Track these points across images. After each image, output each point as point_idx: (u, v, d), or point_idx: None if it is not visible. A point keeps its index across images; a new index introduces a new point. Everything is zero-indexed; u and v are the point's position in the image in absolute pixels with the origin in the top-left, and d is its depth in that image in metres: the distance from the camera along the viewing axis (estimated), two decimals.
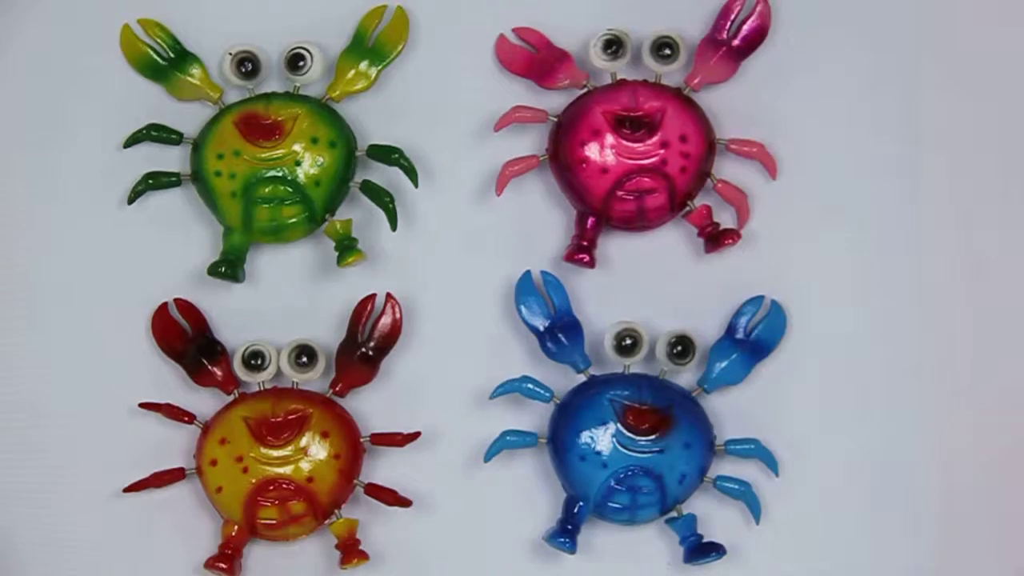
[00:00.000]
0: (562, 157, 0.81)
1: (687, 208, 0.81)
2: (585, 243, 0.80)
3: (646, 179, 0.80)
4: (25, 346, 0.82)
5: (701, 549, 0.78)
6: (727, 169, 0.82)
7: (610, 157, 0.80)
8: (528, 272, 0.80)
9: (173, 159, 0.82)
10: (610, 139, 0.80)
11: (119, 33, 0.83)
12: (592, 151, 0.80)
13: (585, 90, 0.82)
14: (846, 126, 0.82)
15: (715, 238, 0.80)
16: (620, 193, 0.80)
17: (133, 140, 0.82)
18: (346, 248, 0.80)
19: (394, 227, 0.81)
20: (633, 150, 0.80)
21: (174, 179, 0.82)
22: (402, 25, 0.83)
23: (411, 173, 0.81)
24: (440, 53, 0.83)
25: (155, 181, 0.82)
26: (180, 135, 0.82)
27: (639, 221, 0.81)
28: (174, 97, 0.83)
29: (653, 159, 0.80)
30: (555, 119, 0.81)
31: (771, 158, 0.81)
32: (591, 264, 0.80)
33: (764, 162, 0.81)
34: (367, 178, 0.82)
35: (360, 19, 0.83)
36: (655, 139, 0.80)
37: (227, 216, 0.81)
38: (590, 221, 0.81)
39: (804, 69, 0.83)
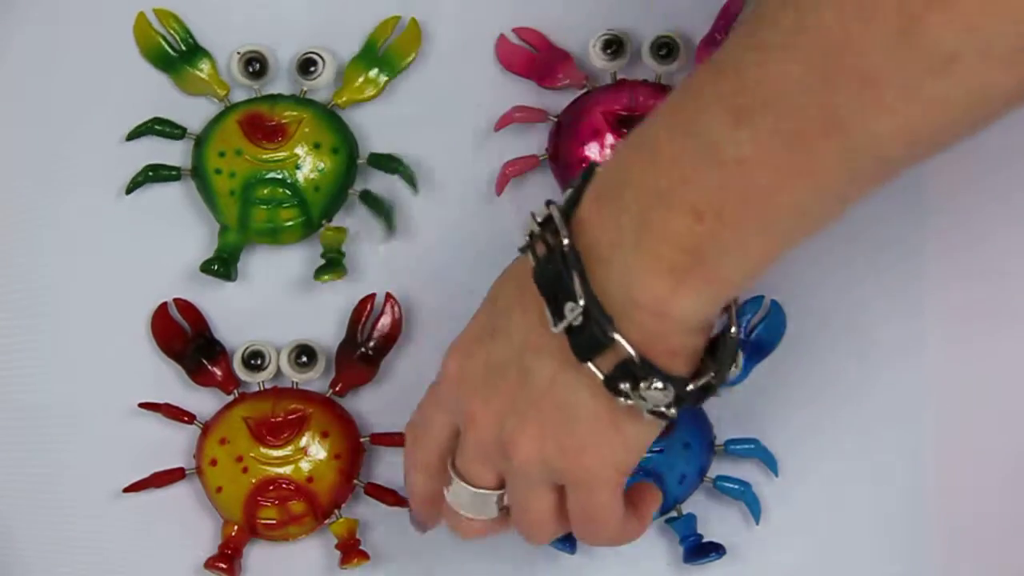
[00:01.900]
0: (562, 157, 0.81)
1: None
2: None
3: None
4: (24, 345, 0.82)
5: (701, 549, 0.78)
6: None
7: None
8: None
9: (175, 158, 0.82)
10: (610, 139, 0.80)
11: (134, 20, 0.83)
12: (592, 151, 0.80)
13: (585, 90, 0.82)
14: None
15: None
16: None
17: (137, 133, 0.82)
18: (329, 264, 0.80)
19: (390, 234, 0.81)
20: None
21: (174, 173, 0.82)
22: (414, 37, 0.83)
23: (411, 180, 0.81)
24: (448, 64, 0.84)
25: (155, 174, 0.82)
26: (183, 130, 0.82)
27: None
28: (181, 90, 0.83)
29: None
30: (555, 119, 0.81)
31: None
32: None
33: None
34: (367, 188, 0.82)
35: (373, 28, 0.83)
36: None
37: (224, 214, 0.81)
38: None
39: None
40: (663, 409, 0.62)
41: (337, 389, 0.80)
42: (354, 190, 0.82)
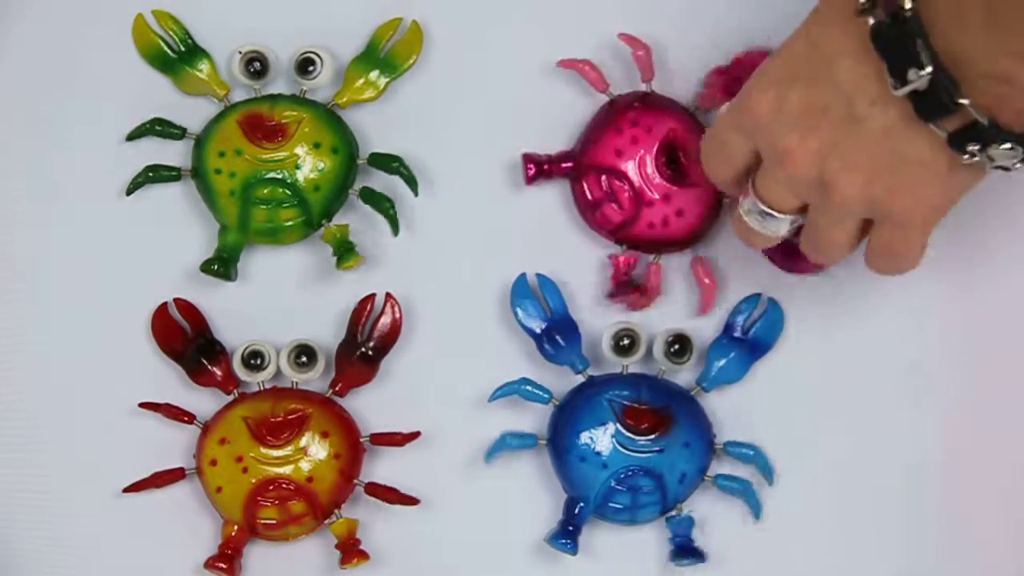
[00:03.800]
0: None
1: None
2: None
3: None
4: (24, 346, 0.81)
5: (682, 550, 0.78)
6: None
7: None
8: (523, 275, 0.80)
9: (175, 158, 0.82)
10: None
11: (132, 21, 0.83)
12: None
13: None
14: None
15: None
16: None
17: (137, 133, 0.82)
18: (345, 252, 0.80)
19: (395, 232, 0.81)
20: None
21: (174, 173, 0.82)
22: (416, 39, 0.83)
23: (411, 182, 0.81)
24: (447, 64, 0.83)
25: (155, 174, 0.82)
26: (183, 130, 0.82)
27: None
28: (181, 90, 0.83)
29: None
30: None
31: None
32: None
33: None
34: (367, 185, 0.82)
35: (375, 29, 0.83)
36: None
37: (224, 214, 0.81)
38: None
39: None
40: (1008, 164, 0.64)
41: (337, 389, 0.80)
42: (354, 190, 0.82)
